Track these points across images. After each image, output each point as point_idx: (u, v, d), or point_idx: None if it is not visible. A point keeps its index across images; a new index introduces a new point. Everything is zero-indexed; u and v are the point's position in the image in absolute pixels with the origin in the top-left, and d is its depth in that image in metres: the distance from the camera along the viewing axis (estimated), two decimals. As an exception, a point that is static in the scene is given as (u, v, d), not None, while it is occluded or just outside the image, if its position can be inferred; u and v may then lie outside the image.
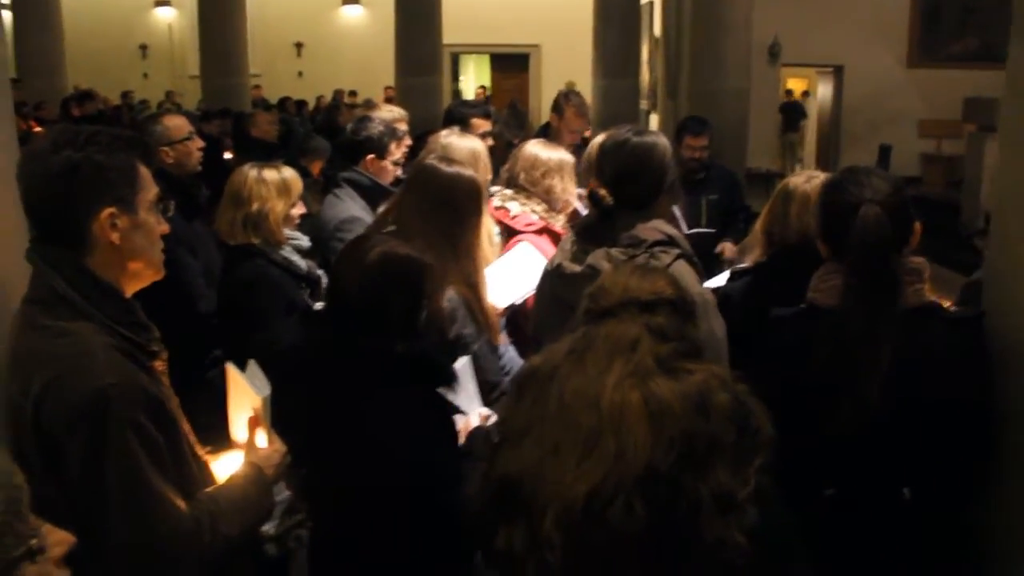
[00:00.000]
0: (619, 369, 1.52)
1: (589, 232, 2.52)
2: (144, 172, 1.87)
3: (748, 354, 2.27)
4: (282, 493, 2.36)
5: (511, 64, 20.23)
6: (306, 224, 3.67)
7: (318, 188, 5.48)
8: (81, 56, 17.50)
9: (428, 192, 2.91)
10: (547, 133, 4.98)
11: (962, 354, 2.11)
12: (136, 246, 1.86)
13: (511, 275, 3.23)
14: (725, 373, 1.57)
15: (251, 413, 2.05)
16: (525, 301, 3.21)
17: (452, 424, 2.30)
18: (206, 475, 1.95)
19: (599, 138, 2.53)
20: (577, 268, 2.42)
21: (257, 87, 16.91)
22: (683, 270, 2.28)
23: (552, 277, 2.53)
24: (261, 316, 3.24)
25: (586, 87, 11.19)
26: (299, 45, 20.43)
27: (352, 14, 20.54)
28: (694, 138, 5.23)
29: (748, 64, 10.17)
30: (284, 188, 3.39)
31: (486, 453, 1.79)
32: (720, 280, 3.35)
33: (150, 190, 1.88)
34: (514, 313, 3.29)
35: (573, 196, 3.69)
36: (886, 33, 13.16)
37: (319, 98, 17.34)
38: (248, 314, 3.28)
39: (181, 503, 1.77)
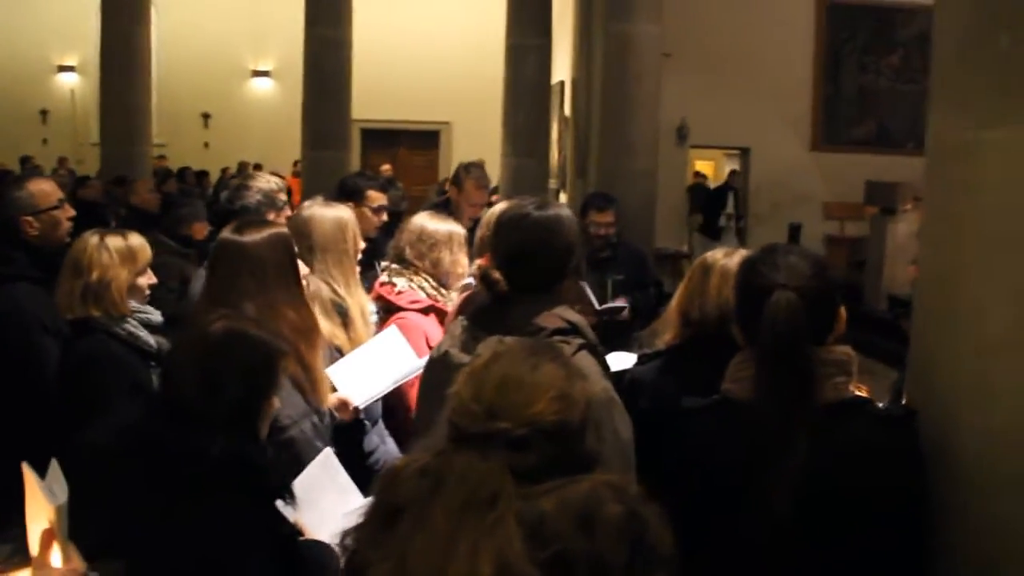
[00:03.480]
0: (471, 531, 1.26)
1: (482, 316, 2.25)
2: None
3: (659, 447, 2.06)
4: None
5: (421, 141, 20.16)
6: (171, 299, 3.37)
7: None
8: (-25, 119, 16.91)
9: (226, 266, 2.70)
10: (447, 207, 4.79)
11: (890, 455, 1.90)
12: None
13: (371, 365, 2.98)
14: (619, 481, 1.35)
15: (47, 524, 1.72)
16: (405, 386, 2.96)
17: (288, 548, 1.98)
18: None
19: (496, 208, 2.30)
20: (466, 358, 2.14)
21: (162, 157, 16.55)
22: (586, 363, 2.04)
23: (437, 365, 2.26)
24: (99, 398, 2.87)
25: (496, 165, 11.11)
26: (206, 116, 20.08)
27: (261, 86, 20.33)
28: (599, 213, 5.10)
29: (656, 145, 10.21)
30: (129, 256, 3.08)
31: None
32: (627, 362, 3.13)
33: None
34: (391, 405, 3.04)
35: (464, 270, 3.47)
36: (790, 117, 13.45)
37: (224, 169, 16.97)
38: (85, 396, 2.93)
39: None
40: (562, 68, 14.49)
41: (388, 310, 3.34)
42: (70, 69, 19.96)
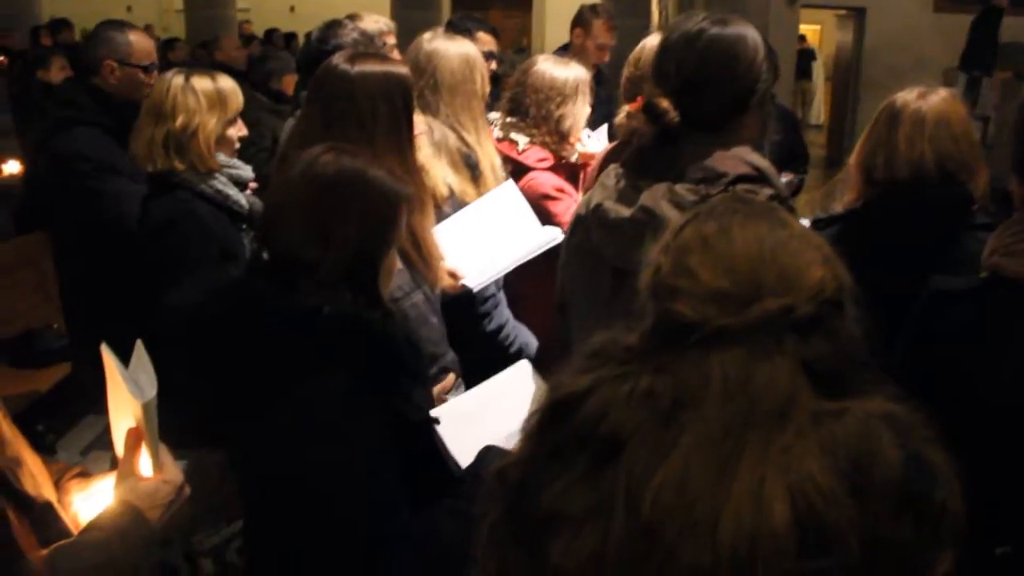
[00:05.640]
0: (753, 462, 0.85)
1: (643, 161, 1.79)
2: None
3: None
4: None
5: (514, 2, 19.33)
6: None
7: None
8: (59, -16, 16.63)
9: (330, 100, 2.23)
10: (566, 53, 4.30)
11: None
12: None
13: (486, 230, 2.54)
14: (893, 409, 0.91)
15: (132, 422, 1.37)
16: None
17: (419, 440, 1.63)
18: (52, 525, 1.27)
19: (655, 37, 1.83)
20: (626, 212, 1.71)
21: (247, 22, 16.15)
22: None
23: (590, 223, 1.82)
24: (182, 266, 2.46)
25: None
26: (292, -23, 19.56)
27: (348, -54, 19.64)
28: None
29: (766, 4, 9.46)
30: (219, 101, 2.63)
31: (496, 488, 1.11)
32: None
33: None
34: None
35: (583, 120, 3.02)
36: (913, -26, 12.39)
37: (309, 34, 16.55)
38: (165, 265, 2.51)
39: None
40: (664, -79, 13.57)
41: (512, 173, 2.87)
42: (154, -69, 19.50)
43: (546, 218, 2.74)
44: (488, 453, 1.73)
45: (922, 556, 0.87)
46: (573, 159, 2.95)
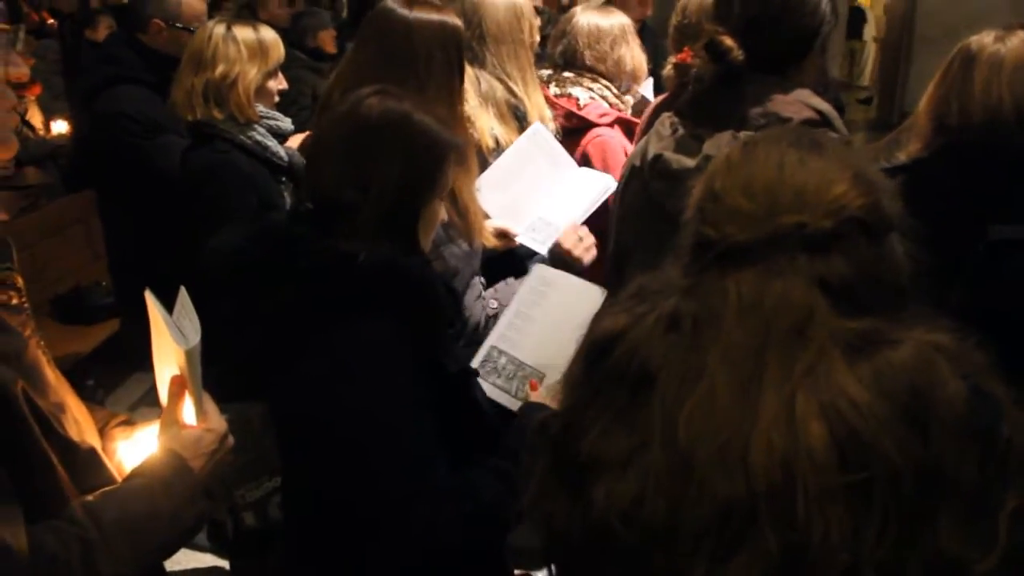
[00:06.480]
0: (777, 381, 0.84)
1: (700, 107, 1.73)
2: None
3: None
4: None
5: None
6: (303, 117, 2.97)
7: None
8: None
9: (384, 43, 2.19)
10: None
11: None
12: None
13: (524, 181, 2.47)
14: (950, 341, 0.88)
15: (176, 370, 1.35)
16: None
17: (458, 392, 1.59)
18: (95, 471, 1.25)
19: None
20: (689, 162, 1.65)
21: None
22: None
23: (645, 175, 1.77)
24: (222, 215, 2.42)
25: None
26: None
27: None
28: None
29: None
30: (260, 51, 2.62)
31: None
32: None
33: None
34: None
35: (644, 66, 2.97)
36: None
37: (355, -11, 16.49)
38: (204, 216, 2.49)
39: (16, 533, 1.06)
40: None
41: (574, 130, 2.83)
42: None
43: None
44: (530, 410, 1.70)
45: (990, 495, 0.83)
46: (628, 114, 2.89)
